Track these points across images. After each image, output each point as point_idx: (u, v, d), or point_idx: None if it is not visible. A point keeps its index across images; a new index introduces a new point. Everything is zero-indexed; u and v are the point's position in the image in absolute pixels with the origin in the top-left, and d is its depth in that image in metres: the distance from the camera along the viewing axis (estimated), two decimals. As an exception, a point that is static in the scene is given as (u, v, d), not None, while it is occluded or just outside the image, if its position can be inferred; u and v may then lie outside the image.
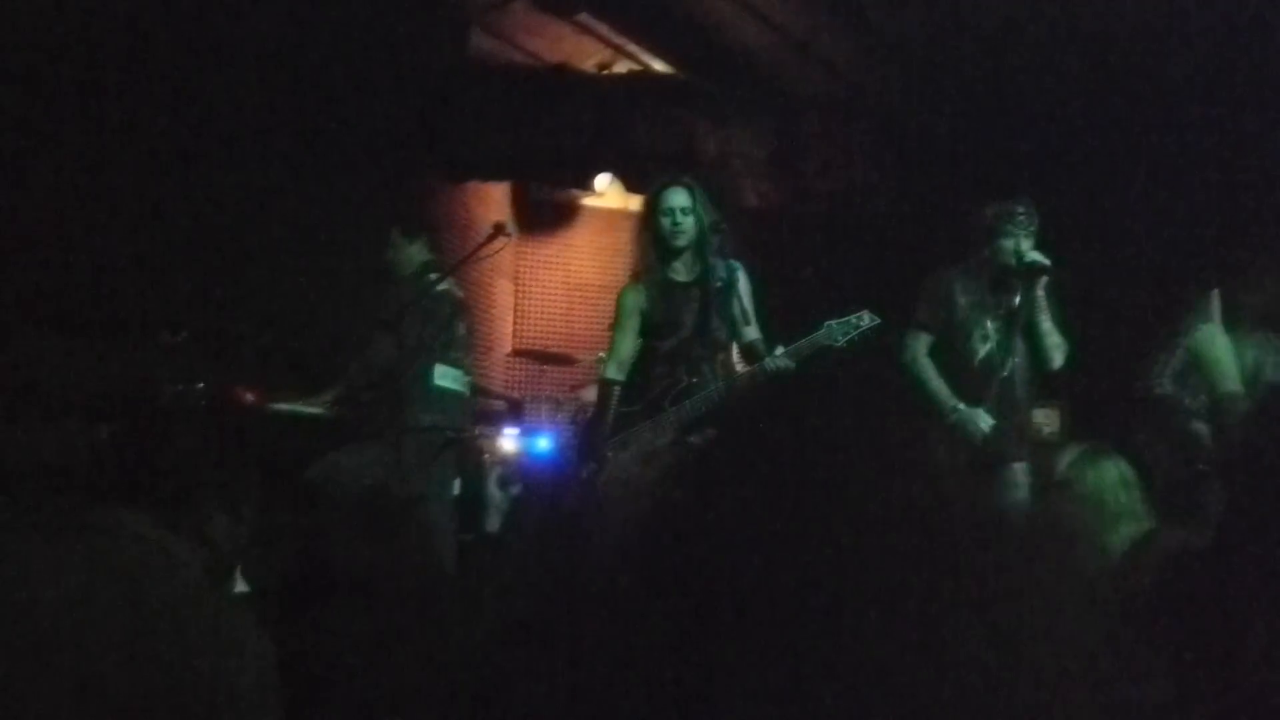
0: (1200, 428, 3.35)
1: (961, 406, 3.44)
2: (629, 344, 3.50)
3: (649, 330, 3.48)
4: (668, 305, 3.43)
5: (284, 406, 3.91)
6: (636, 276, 3.55)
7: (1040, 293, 3.47)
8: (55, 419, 2.89)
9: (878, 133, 5.89)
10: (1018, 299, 3.50)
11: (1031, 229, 3.46)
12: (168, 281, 3.83)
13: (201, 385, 3.49)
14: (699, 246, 3.41)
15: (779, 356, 3.22)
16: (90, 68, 3.49)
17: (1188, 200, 5.10)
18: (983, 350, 3.52)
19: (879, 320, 3.25)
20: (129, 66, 3.68)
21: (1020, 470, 3.50)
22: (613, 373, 3.50)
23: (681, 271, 3.45)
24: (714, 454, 0.68)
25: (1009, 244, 3.45)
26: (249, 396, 3.73)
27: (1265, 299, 3.52)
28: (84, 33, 3.48)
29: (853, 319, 3.24)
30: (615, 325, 3.54)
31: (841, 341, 3.22)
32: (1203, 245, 4.76)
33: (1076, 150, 5.52)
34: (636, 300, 3.47)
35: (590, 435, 3.57)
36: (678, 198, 3.40)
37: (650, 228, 3.47)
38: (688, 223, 3.38)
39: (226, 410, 3.65)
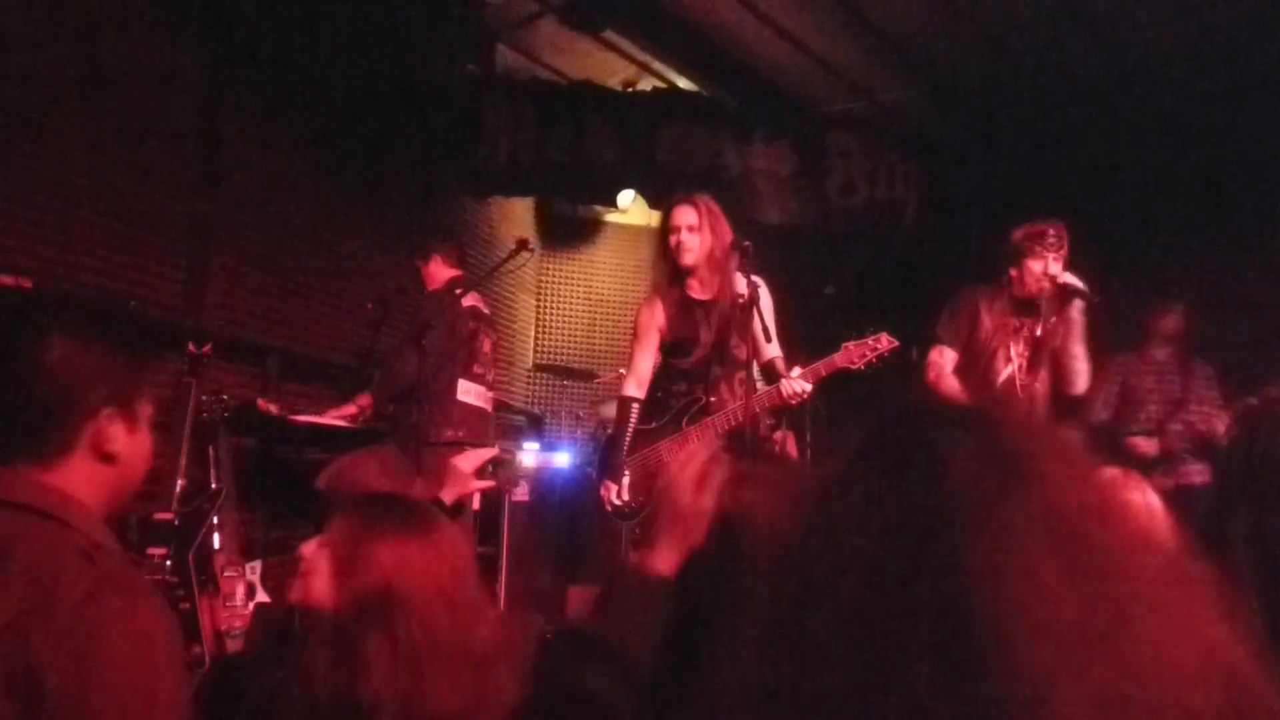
0: (1140, 441, 4.06)
1: None
2: (647, 361, 3.49)
3: (667, 348, 3.48)
4: (685, 323, 3.42)
5: (308, 419, 3.93)
6: (654, 293, 3.55)
7: (1077, 316, 3.42)
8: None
9: (903, 150, 5.87)
10: (1043, 321, 3.46)
11: (1061, 251, 3.42)
12: (192, 293, 3.87)
13: (226, 398, 3.51)
14: (716, 264, 3.40)
15: (796, 379, 3.20)
16: (124, 82, 3.54)
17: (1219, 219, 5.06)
18: (1005, 371, 3.48)
19: (897, 343, 3.21)
20: (165, 79, 3.73)
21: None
22: (632, 390, 3.49)
23: (698, 289, 3.45)
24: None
25: (1037, 265, 3.42)
26: (273, 409, 3.75)
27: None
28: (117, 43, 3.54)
29: (870, 341, 3.20)
30: (634, 342, 3.54)
31: (860, 365, 3.19)
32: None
33: (1107, 170, 5.47)
34: (654, 317, 3.47)
35: (609, 452, 3.55)
36: (683, 215, 3.41)
37: (662, 245, 3.49)
38: (693, 240, 3.38)
39: (251, 422, 3.69)
